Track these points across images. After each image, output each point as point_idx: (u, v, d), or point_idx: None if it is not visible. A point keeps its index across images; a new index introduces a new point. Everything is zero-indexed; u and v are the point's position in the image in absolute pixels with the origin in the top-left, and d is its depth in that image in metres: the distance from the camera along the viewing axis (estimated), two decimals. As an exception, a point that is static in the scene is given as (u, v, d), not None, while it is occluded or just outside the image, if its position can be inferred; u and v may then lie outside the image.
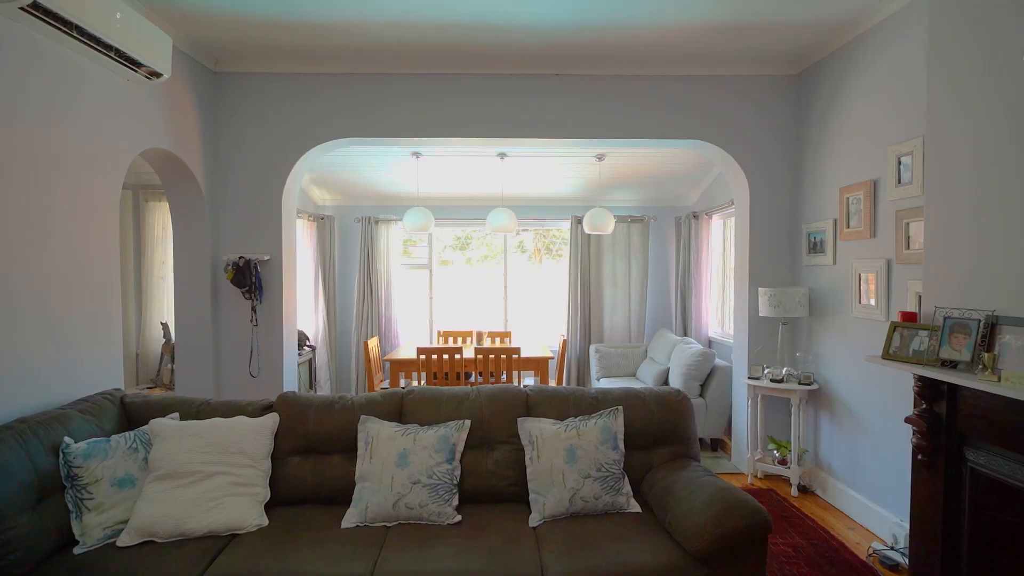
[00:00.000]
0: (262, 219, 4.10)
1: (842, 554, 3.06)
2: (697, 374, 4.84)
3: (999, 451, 1.96)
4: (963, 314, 2.07)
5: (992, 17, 2.03)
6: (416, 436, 2.54)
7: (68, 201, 2.72)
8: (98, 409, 2.55)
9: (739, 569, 2.09)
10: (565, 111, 4.17)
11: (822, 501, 3.80)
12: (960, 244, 2.17)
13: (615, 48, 3.79)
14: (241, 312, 4.08)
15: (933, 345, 2.13)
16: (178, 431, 2.46)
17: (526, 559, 2.14)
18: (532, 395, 2.80)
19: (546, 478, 2.49)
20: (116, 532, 2.24)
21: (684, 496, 2.29)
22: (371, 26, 3.47)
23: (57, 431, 2.28)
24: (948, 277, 2.22)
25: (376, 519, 2.39)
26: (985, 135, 2.07)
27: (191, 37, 3.63)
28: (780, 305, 3.94)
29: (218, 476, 2.39)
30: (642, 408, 2.75)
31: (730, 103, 4.20)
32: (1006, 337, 1.91)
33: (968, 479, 2.08)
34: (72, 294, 2.75)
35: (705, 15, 3.31)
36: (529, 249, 6.95)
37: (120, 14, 2.75)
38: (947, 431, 2.14)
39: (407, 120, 4.13)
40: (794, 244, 4.22)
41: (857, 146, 3.50)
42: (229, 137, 4.09)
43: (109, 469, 2.31)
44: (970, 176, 2.14)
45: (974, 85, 2.12)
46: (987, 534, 2.03)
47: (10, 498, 1.99)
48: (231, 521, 2.31)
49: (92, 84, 2.89)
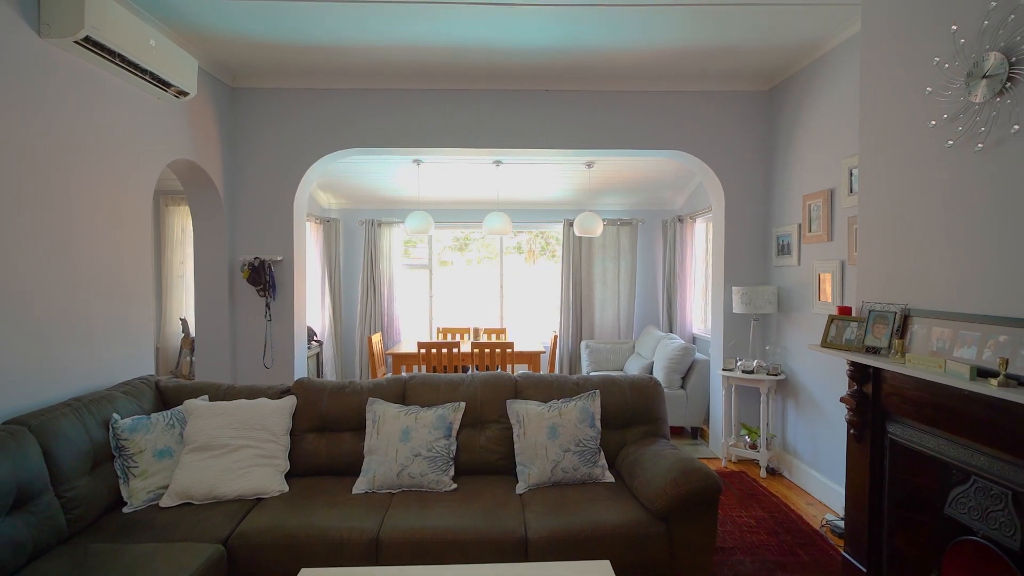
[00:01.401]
0: (275, 222, 4.45)
1: (798, 524, 3.41)
2: (678, 367, 5.19)
3: (911, 423, 2.31)
4: (883, 307, 2.42)
5: (905, 55, 2.37)
6: (417, 415, 2.90)
7: (107, 208, 3.07)
8: (137, 391, 2.91)
9: (693, 525, 2.44)
10: (555, 123, 4.52)
11: (788, 481, 4.16)
12: (884, 249, 2.52)
13: (601, 67, 4.14)
14: (256, 308, 4.44)
15: (860, 334, 2.48)
16: (209, 410, 2.81)
17: (512, 518, 2.49)
18: (520, 381, 3.15)
19: (531, 452, 2.85)
20: (158, 495, 2.60)
21: (649, 465, 2.65)
22: (377, 48, 3.82)
23: (106, 409, 2.64)
24: (874, 276, 2.57)
25: (382, 487, 2.75)
26: (899, 158, 2.41)
27: (212, 57, 3.99)
28: (751, 303, 4.29)
29: (245, 449, 2.74)
30: (618, 392, 3.11)
31: (707, 116, 4.55)
32: (915, 326, 2.27)
33: (888, 448, 2.43)
34: (112, 290, 3.10)
35: (683, 40, 3.67)
36: (524, 250, 7.30)
37: (154, 41, 3.11)
38: (873, 408, 2.49)
39: (409, 131, 4.49)
40: (765, 246, 4.57)
41: (817, 157, 3.86)
42: (246, 147, 4.44)
43: (151, 442, 2.66)
44: (889, 192, 2.48)
45: (892, 116, 2.47)
46: (902, 494, 2.39)
47: (72, 463, 2.35)
48: (257, 487, 2.66)
49: (128, 103, 3.24)
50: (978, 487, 2.05)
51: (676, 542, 2.44)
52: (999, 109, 1.92)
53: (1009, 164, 1.91)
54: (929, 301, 2.25)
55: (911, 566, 2.36)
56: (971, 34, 2.02)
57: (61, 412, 2.42)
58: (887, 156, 2.49)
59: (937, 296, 2.21)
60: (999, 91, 1.90)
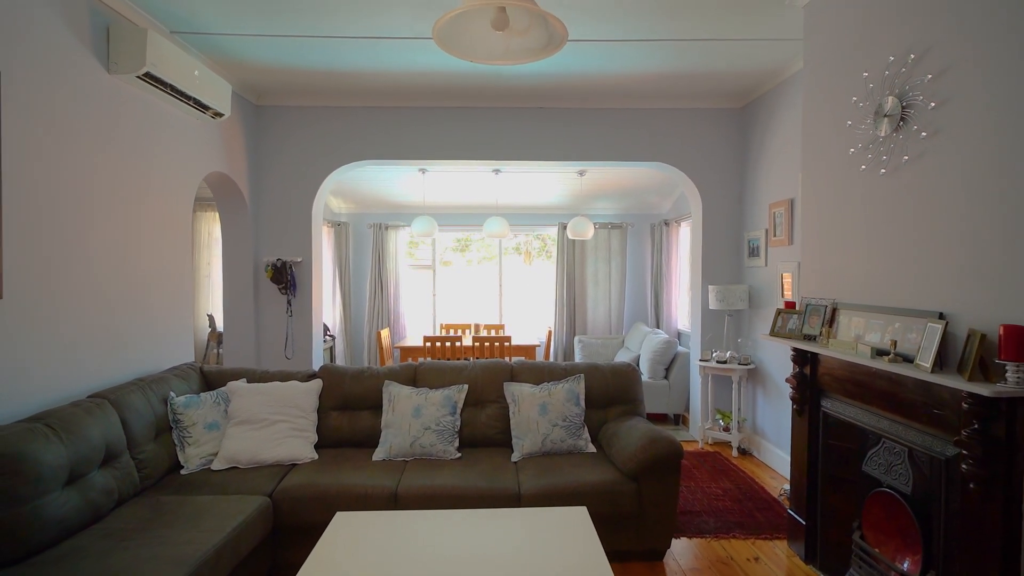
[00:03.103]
0: (295, 227, 4.93)
1: (760, 494, 3.89)
2: (662, 359, 5.67)
3: (838, 398, 2.78)
4: (817, 302, 2.90)
5: (833, 93, 2.82)
6: (427, 395, 3.37)
7: (158, 216, 3.54)
8: (186, 374, 3.38)
9: (659, 484, 2.92)
10: (548, 137, 4.99)
11: (756, 460, 4.63)
12: (819, 252, 2.99)
13: (590, 87, 4.62)
14: (278, 305, 4.91)
15: (799, 324, 2.96)
16: (249, 390, 3.29)
17: (508, 479, 2.96)
18: (516, 367, 3.63)
19: (524, 427, 3.32)
20: (208, 461, 3.07)
21: (624, 436, 3.13)
22: (388, 73, 4.30)
23: (164, 388, 3.11)
24: (812, 275, 3.05)
25: (397, 455, 3.22)
26: (829, 177, 2.87)
27: (241, 80, 4.46)
28: (725, 300, 4.77)
29: (280, 423, 3.22)
30: (600, 376, 3.59)
31: (686, 131, 5.03)
32: (840, 317, 2.74)
33: (822, 420, 2.90)
34: (162, 288, 3.57)
35: (667, 67, 4.14)
36: (522, 251, 7.78)
37: (197, 72, 3.59)
38: (811, 386, 2.96)
39: (416, 144, 4.96)
40: (738, 249, 5.05)
41: (781, 169, 4.33)
42: (269, 159, 4.92)
43: (201, 416, 3.14)
44: (823, 205, 2.94)
45: (824, 143, 2.93)
46: (833, 458, 2.86)
47: (142, 431, 2.82)
48: (292, 454, 3.14)
49: (173, 124, 3.72)
50: (885, 447, 2.52)
51: (644, 498, 2.91)
52: (896, 142, 2.39)
53: (901, 187, 2.39)
54: (851, 296, 2.73)
55: (840, 517, 2.83)
56: (877, 80, 2.49)
57: (130, 389, 2.90)
58: (821, 175, 2.96)
59: (856, 292, 2.69)
60: (896, 128, 2.37)
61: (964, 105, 2.08)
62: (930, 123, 2.22)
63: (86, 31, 2.92)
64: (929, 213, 2.25)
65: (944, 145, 2.17)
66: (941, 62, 2.18)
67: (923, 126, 2.25)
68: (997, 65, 1.96)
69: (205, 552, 2.15)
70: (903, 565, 2.41)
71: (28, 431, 2.20)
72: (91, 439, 2.44)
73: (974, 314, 2.03)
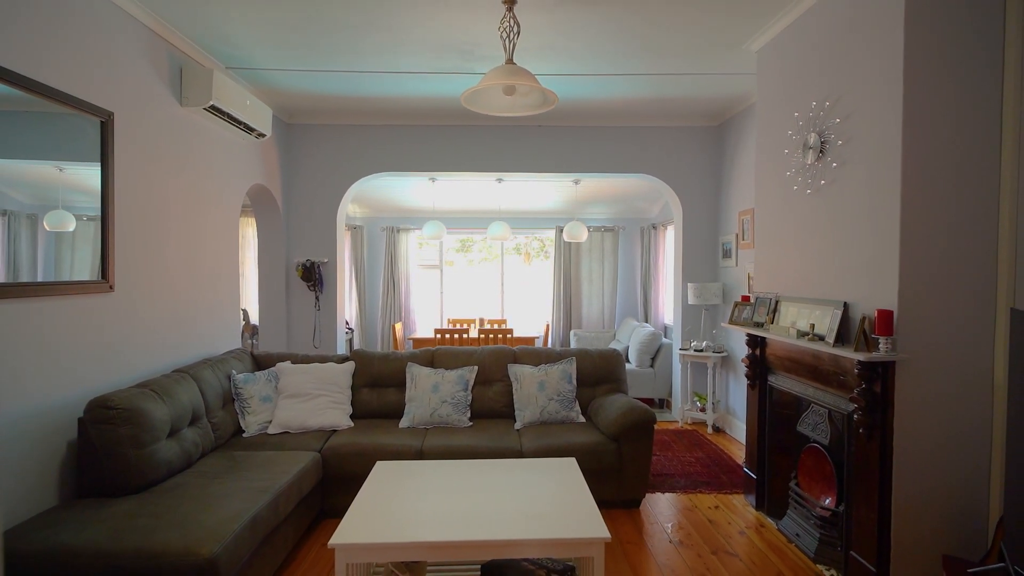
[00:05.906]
0: (322, 231, 5.57)
1: (727, 462, 4.54)
2: (648, 349, 6.32)
3: (780, 373, 3.43)
4: (765, 295, 3.54)
5: (776, 125, 3.46)
6: (443, 375, 4.01)
7: (215, 223, 4.18)
8: (240, 356, 4.03)
9: (636, 444, 3.57)
10: (546, 151, 5.64)
11: (728, 436, 5.28)
12: (768, 254, 3.63)
13: (584, 109, 5.26)
14: (307, 300, 5.56)
15: (751, 314, 3.60)
16: (295, 370, 3.93)
17: (511, 441, 3.61)
18: (518, 351, 4.28)
19: (525, 401, 3.97)
20: (264, 427, 3.71)
21: (607, 406, 3.78)
22: (406, 97, 4.94)
23: (226, 366, 3.76)
24: (763, 273, 3.69)
25: (420, 424, 3.87)
26: (774, 194, 3.51)
27: (277, 103, 5.11)
28: (702, 296, 5.41)
29: (322, 397, 3.86)
30: (589, 360, 4.24)
31: (669, 146, 5.67)
32: (782, 307, 3.38)
33: (769, 393, 3.55)
34: (217, 284, 4.21)
35: (647, 92, 4.79)
36: (522, 252, 8.42)
37: (248, 101, 4.23)
38: (761, 365, 3.61)
39: (429, 157, 5.60)
40: (714, 251, 5.70)
41: (749, 181, 4.98)
42: (300, 171, 5.56)
43: (257, 390, 3.78)
44: (771, 216, 3.59)
45: (771, 165, 3.56)
46: (775, 422, 3.51)
47: (214, 400, 3.47)
48: (332, 422, 3.78)
49: (226, 145, 4.36)
50: (813, 410, 3.18)
51: (624, 456, 3.56)
52: (817, 169, 3.04)
53: (820, 204, 3.03)
54: (789, 290, 3.38)
55: (782, 470, 3.48)
56: (805, 119, 3.14)
57: (203, 366, 3.54)
58: (769, 191, 3.61)
59: (792, 286, 3.34)
60: (817, 158, 3.02)
61: (860, 144, 2.73)
62: (839, 156, 2.87)
63: (165, 72, 3.56)
64: (838, 225, 2.90)
65: (848, 173, 2.82)
66: (847, 108, 2.83)
67: (834, 158, 2.90)
68: (879, 114, 2.60)
69: (280, 485, 2.80)
70: (825, 502, 3.06)
71: (141, 394, 2.84)
72: (183, 403, 3.08)
73: (865, 302, 2.68)
